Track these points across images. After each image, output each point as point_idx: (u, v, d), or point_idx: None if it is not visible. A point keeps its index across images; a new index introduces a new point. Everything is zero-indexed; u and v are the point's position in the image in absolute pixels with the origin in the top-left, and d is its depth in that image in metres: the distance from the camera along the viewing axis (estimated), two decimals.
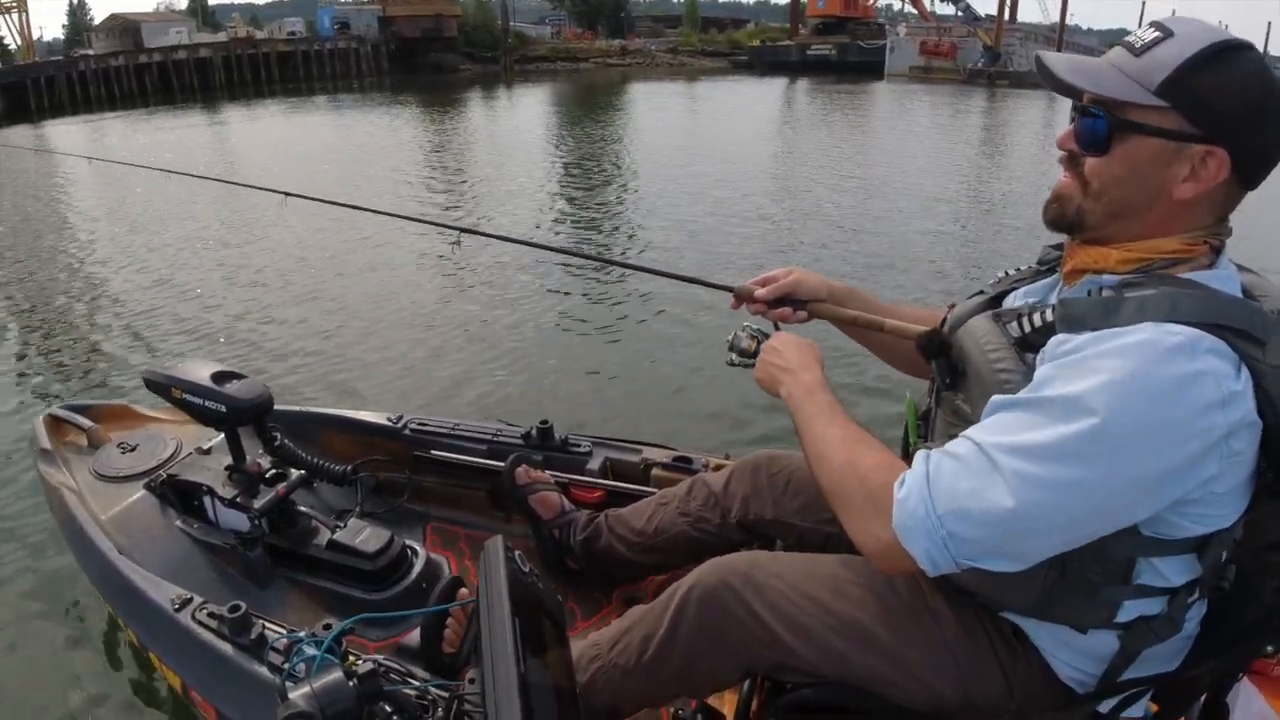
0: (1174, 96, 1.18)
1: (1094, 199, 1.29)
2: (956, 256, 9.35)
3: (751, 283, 1.91)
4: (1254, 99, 1.18)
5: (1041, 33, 58.80)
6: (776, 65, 60.59)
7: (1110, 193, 1.27)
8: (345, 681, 1.45)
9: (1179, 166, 1.21)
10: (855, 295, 1.91)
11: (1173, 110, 1.19)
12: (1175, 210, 1.25)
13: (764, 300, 1.88)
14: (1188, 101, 1.18)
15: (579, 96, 38.07)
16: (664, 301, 7.50)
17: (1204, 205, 1.26)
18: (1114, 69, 1.24)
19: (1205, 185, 1.22)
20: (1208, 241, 1.28)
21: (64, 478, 2.83)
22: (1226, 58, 1.18)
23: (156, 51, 49.52)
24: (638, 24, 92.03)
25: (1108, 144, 1.25)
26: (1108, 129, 1.24)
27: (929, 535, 1.20)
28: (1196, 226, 1.27)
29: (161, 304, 7.77)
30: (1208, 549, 1.26)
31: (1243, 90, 1.18)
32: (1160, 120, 1.20)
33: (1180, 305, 1.15)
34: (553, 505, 2.61)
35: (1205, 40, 1.18)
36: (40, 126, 31.31)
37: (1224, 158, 1.19)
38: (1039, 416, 1.16)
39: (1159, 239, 1.28)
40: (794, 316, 1.88)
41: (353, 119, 28.06)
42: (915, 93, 39.31)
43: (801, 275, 1.88)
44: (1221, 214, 1.29)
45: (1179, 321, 1.14)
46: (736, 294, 1.92)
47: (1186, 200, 1.24)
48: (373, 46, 57.37)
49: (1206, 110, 1.18)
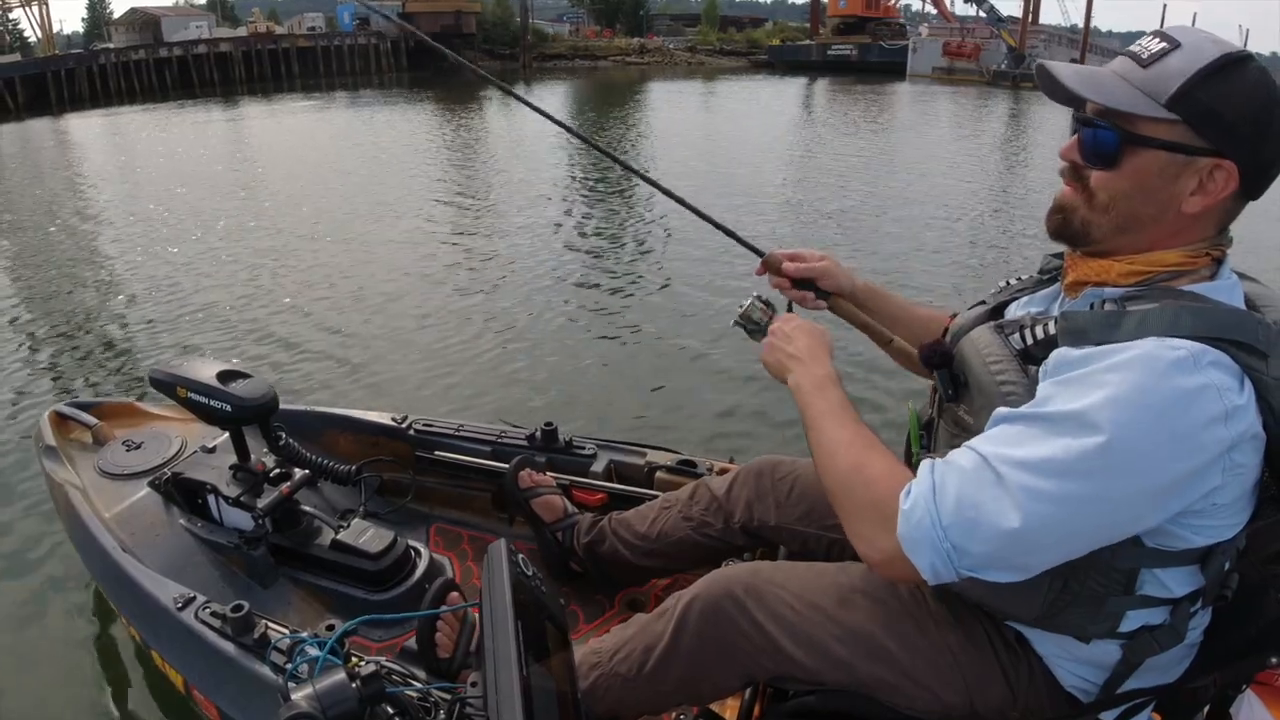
0: (1184, 109, 1.17)
1: (1101, 212, 1.28)
2: (975, 265, 9.26)
3: (782, 253, 1.89)
4: (1259, 111, 1.17)
5: (1065, 35, 58.41)
6: (796, 65, 60.30)
7: (1119, 206, 1.26)
8: (348, 683, 1.44)
9: (1187, 180, 1.21)
10: (876, 295, 1.90)
11: (1182, 123, 1.18)
12: (1182, 223, 1.25)
13: (789, 275, 1.86)
14: (1197, 114, 1.17)
15: (599, 94, 37.98)
16: (675, 305, 7.53)
17: (1209, 218, 1.25)
18: (1122, 80, 1.23)
19: (1213, 198, 1.21)
20: (1209, 253, 1.27)
21: (68, 475, 2.83)
22: (1232, 70, 1.17)
23: (177, 46, 49.62)
24: (656, 22, 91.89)
25: (1117, 157, 1.24)
26: (1117, 142, 1.23)
27: (933, 547, 1.20)
28: (1200, 238, 1.27)
29: (168, 303, 7.80)
30: (1210, 560, 1.26)
31: (1249, 102, 1.17)
32: (1169, 133, 1.19)
33: (1182, 319, 1.15)
34: (555, 509, 2.61)
35: (1214, 52, 1.17)
36: (61, 119, 31.43)
37: (1232, 170, 1.18)
38: (1044, 431, 1.16)
39: (1161, 251, 1.27)
40: (813, 303, 1.87)
41: (391, 114, 27.88)
42: (938, 94, 38.79)
43: (833, 265, 1.86)
44: (1224, 225, 1.28)
45: (1181, 336, 1.13)
46: (765, 261, 1.90)
47: (1194, 214, 1.23)
48: (392, 43, 57.43)
49: (1215, 123, 1.17)
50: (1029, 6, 54.59)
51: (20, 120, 31.92)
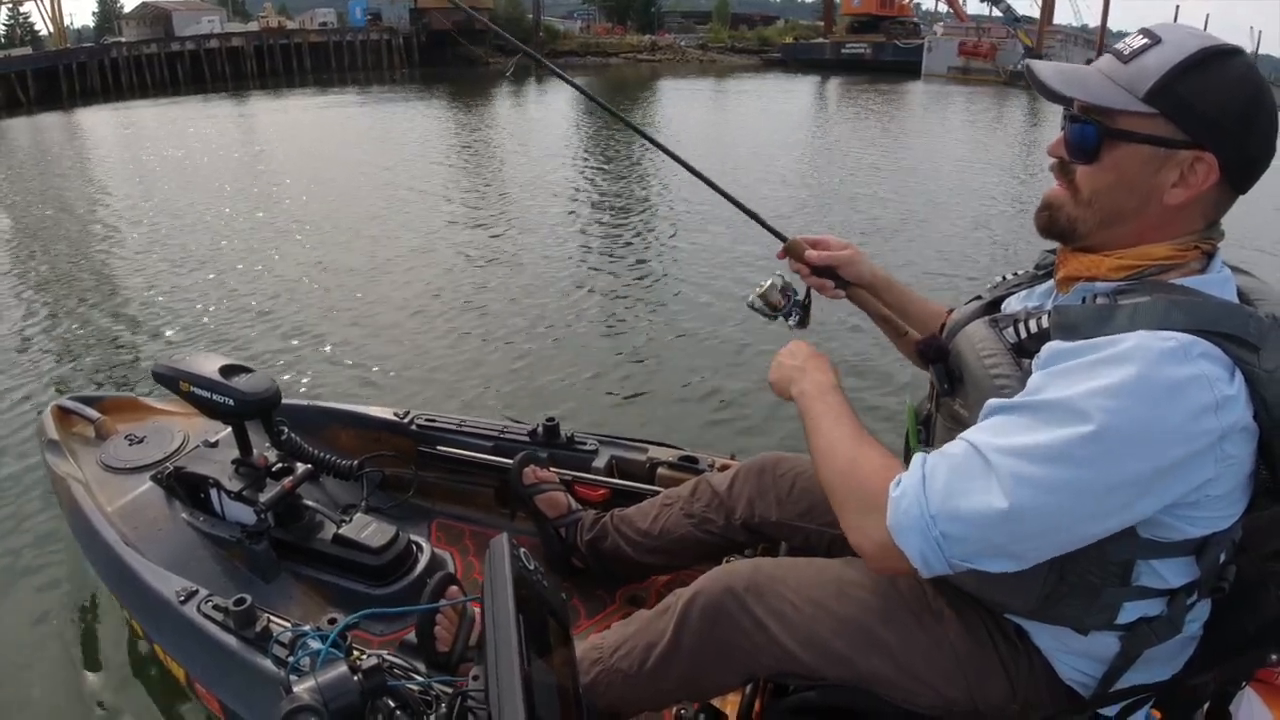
0: (1162, 103, 1.19)
1: (1085, 207, 1.30)
2: (995, 263, 9.17)
3: (805, 239, 1.89)
4: (1241, 104, 1.18)
5: (1080, 35, 58.05)
6: (809, 63, 59.37)
7: (1101, 200, 1.28)
8: (350, 676, 1.45)
9: (1168, 172, 1.22)
10: (892, 287, 1.91)
11: (1161, 116, 1.19)
12: (1166, 216, 1.26)
13: (811, 263, 1.86)
14: (1175, 107, 1.18)
15: (612, 91, 37.81)
16: (682, 301, 7.54)
17: (1194, 210, 1.26)
18: (1103, 76, 1.24)
19: (1195, 190, 1.22)
20: (1198, 246, 1.28)
21: (71, 469, 2.84)
22: (1213, 63, 1.18)
23: (189, 40, 49.67)
24: (667, 19, 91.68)
25: (1097, 152, 1.26)
26: (1097, 137, 1.25)
27: (922, 535, 1.20)
28: (1187, 232, 1.27)
29: (171, 297, 7.81)
30: (1206, 551, 1.27)
31: (1230, 95, 1.18)
32: (1149, 127, 1.21)
33: (1173, 312, 1.15)
34: (559, 505, 2.62)
35: (1193, 46, 1.18)
36: (72, 113, 31.47)
37: (1213, 163, 1.19)
38: (1035, 420, 1.17)
39: (1149, 245, 1.28)
40: (833, 291, 1.88)
41: (402, 109, 27.75)
42: (955, 94, 38.41)
43: (856, 255, 1.87)
44: (1213, 218, 1.29)
45: (1172, 328, 1.14)
46: (787, 246, 1.90)
47: (1177, 206, 1.24)
48: (404, 38, 57.48)
49: (1194, 115, 1.18)
50: (1046, 6, 54.11)
51: (31, 114, 32.00)
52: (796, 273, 1.91)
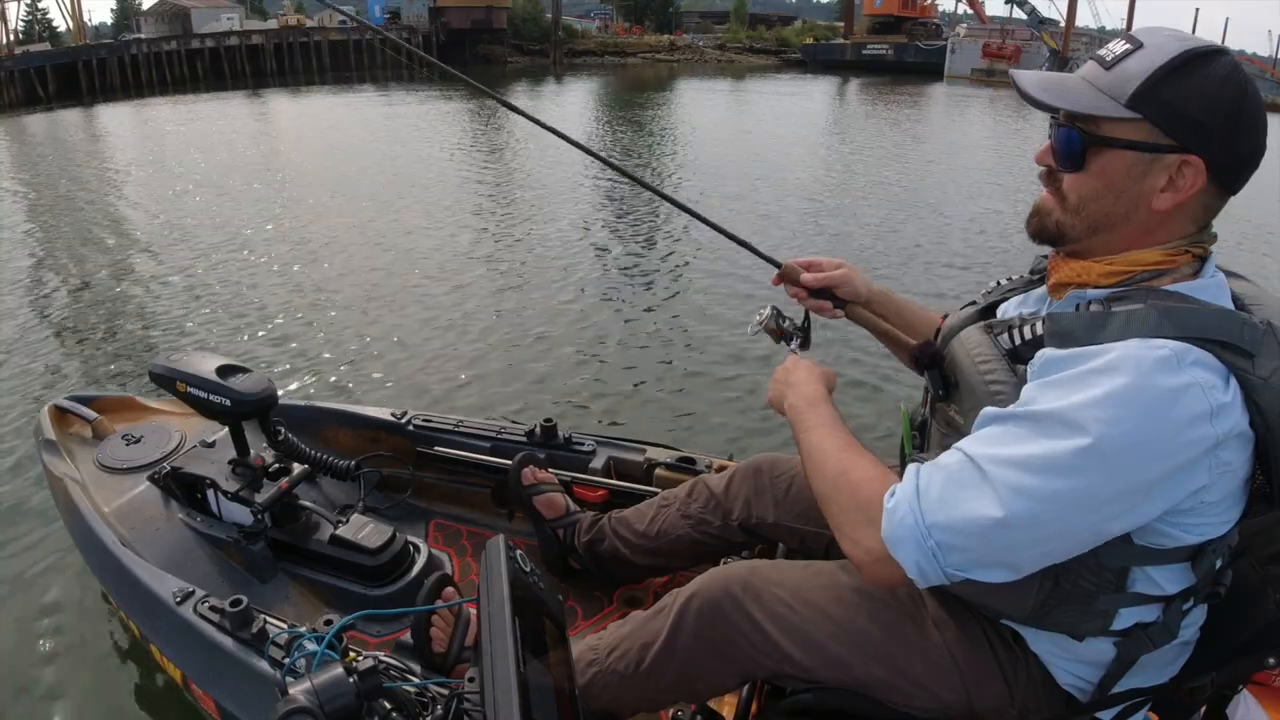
0: (1145, 107, 1.18)
1: (1073, 214, 1.30)
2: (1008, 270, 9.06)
3: (798, 262, 1.88)
4: (1226, 105, 1.17)
5: (1106, 39, 57.46)
6: (829, 64, 59.28)
7: (1088, 207, 1.28)
8: (345, 677, 1.45)
9: (1155, 177, 1.21)
10: (890, 302, 1.91)
11: (1145, 121, 1.19)
12: (1155, 221, 1.25)
13: (807, 286, 1.85)
14: (1159, 112, 1.18)
15: (630, 90, 37.64)
16: (678, 304, 7.54)
17: (1184, 214, 1.25)
18: (1086, 84, 1.24)
19: (1183, 195, 1.21)
20: (1190, 250, 1.27)
21: (68, 468, 2.84)
22: (1196, 65, 1.17)
23: (209, 37, 49.72)
24: (685, 19, 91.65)
25: (1083, 159, 1.25)
26: (1082, 144, 1.24)
27: (918, 545, 1.20)
28: (1178, 236, 1.27)
29: (168, 297, 7.80)
30: (1201, 557, 1.26)
31: (1214, 97, 1.17)
32: (1133, 132, 1.20)
33: (1166, 320, 1.15)
34: (557, 506, 2.61)
35: (1174, 49, 1.17)
36: (91, 109, 31.42)
37: (1200, 166, 1.18)
38: (1029, 430, 1.16)
39: (1139, 251, 1.27)
40: (830, 312, 1.87)
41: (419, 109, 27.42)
42: (978, 97, 37.99)
43: (850, 273, 1.86)
44: (1203, 222, 1.28)
45: (1165, 336, 1.14)
46: (782, 272, 1.89)
47: (1165, 210, 1.23)
48: (423, 37, 57.39)
49: (1178, 119, 1.17)
50: (1073, 8, 53.45)
51: (50, 110, 32.00)
52: (794, 297, 1.90)
